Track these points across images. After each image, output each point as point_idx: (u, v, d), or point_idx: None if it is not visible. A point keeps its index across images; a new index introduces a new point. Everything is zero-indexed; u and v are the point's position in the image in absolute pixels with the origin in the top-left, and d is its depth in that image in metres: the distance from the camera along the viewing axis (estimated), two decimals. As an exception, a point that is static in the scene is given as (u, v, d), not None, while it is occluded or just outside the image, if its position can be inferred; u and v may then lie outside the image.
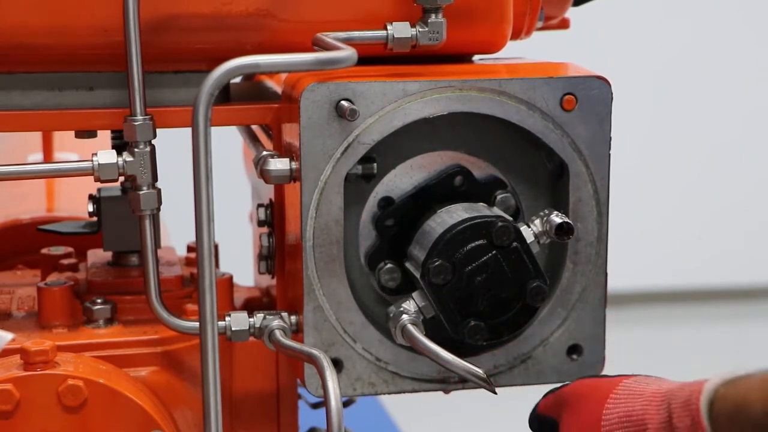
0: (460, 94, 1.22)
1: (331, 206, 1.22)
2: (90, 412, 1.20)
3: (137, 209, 1.23)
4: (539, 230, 1.22)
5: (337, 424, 1.14)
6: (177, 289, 1.41)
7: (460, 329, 1.20)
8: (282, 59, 1.15)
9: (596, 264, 1.28)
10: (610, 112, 1.25)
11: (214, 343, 1.18)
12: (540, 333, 1.29)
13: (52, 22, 1.21)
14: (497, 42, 1.31)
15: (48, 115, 1.27)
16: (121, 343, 1.32)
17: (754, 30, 4.85)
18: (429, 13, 1.22)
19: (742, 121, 4.89)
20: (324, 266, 1.23)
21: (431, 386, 1.29)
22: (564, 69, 1.28)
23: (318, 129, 1.20)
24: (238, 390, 1.38)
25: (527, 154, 1.29)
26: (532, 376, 1.30)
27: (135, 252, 1.43)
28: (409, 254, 1.24)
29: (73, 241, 1.57)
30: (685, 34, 4.80)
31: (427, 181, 1.27)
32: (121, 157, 1.22)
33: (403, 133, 1.22)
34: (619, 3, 4.22)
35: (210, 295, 1.18)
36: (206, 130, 1.14)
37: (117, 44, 1.19)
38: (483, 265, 1.19)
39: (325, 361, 1.17)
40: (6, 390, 1.17)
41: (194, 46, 1.25)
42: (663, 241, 4.90)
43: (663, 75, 4.81)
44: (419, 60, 1.28)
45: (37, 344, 1.20)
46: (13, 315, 1.40)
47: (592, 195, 1.27)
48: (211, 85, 1.13)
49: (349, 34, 1.21)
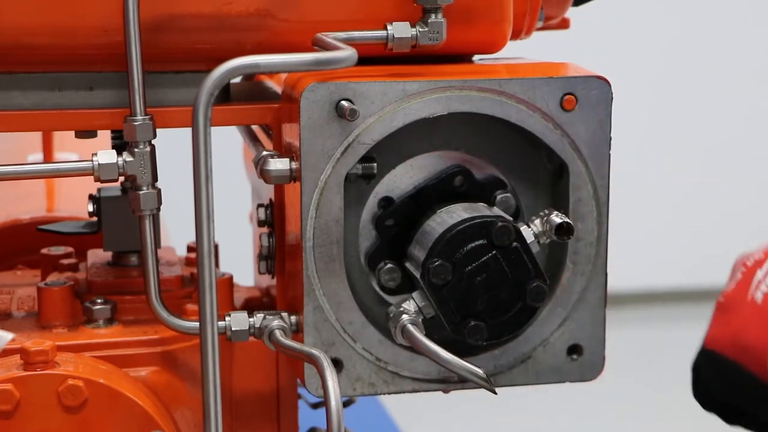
0: (460, 94, 1.22)
1: (331, 206, 1.22)
2: (90, 412, 1.20)
3: (137, 209, 1.23)
4: (539, 230, 1.22)
5: (337, 424, 1.14)
6: (177, 289, 1.41)
7: (460, 329, 1.20)
8: (282, 59, 1.15)
9: (596, 264, 1.28)
10: (610, 112, 1.25)
11: (214, 343, 1.18)
12: (540, 333, 1.29)
13: (52, 22, 1.21)
14: (497, 42, 1.31)
15: (48, 115, 1.27)
16: (121, 343, 1.32)
17: (755, 30, 4.85)
18: (429, 13, 1.22)
19: (743, 121, 4.90)
20: (324, 266, 1.23)
21: (431, 386, 1.29)
22: (564, 69, 1.28)
23: (318, 129, 1.20)
24: (238, 390, 1.38)
25: (527, 154, 1.29)
26: (532, 376, 1.30)
27: (135, 252, 1.43)
28: (409, 254, 1.24)
29: (73, 241, 1.57)
30: (686, 34, 4.80)
31: (427, 181, 1.27)
32: (121, 157, 1.22)
33: (403, 133, 1.22)
34: (619, 3, 4.22)
35: (210, 295, 1.18)
36: (206, 130, 1.15)
37: (117, 44, 1.19)
38: (483, 265, 1.19)
39: (325, 361, 1.17)
40: (6, 390, 1.17)
41: (194, 46, 1.25)
42: (663, 241, 4.90)
43: (663, 75, 4.81)
44: (419, 60, 1.28)
45: (37, 344, 1.20)
46: (13, 315, 1.40)
47: (592, 195, 1.27)
48: (211, 85, 1.13)
49: (349, 34, 1.21)
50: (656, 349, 4.40)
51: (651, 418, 3.76)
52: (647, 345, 4.43)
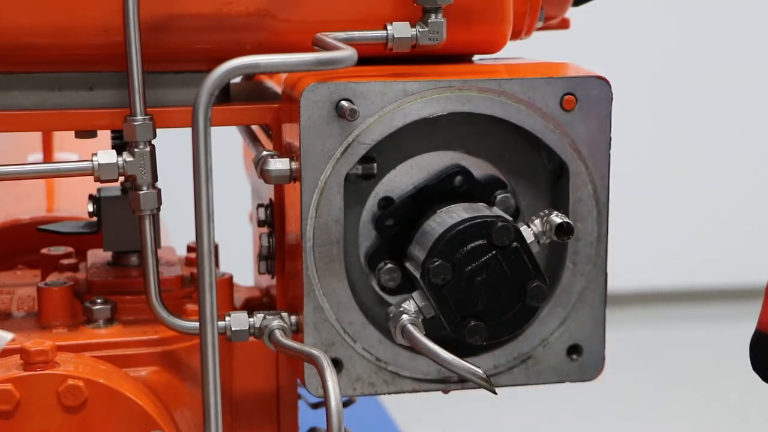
0: (460, 94, 1.22)
1: (331, 206, 1.22)
2: (90, 412, 1.20)
3: (137, 209, 1.23)
4: (539, 230, 1.22)
5: (337, 424, 1.14)
6: (177, 289, 1.41)
7: (460, 329, 1.20)
8: (282, 59, 1.15)
9: (596, 264, 1.29)
10: (610, 112, 1.25)
11: (214, 343, 1.18)
12: (540, 333, 1.29)
13: (52, 22, 1.21)
14: (497, 42, 1.31)
15: (48, 115, 1.27)
16: (121, 343, 1.32)
17: (755, 29, 4.85)
18: (429, 13, 1.22)
19: (743, 121, 4.90)
20: (324, 266, 1.23)
21: (431, 386, 1.29)
22: (564, 69, 1.28)
23: (318, 129, 1.20)
24: (238, 390, 1.38)
25: (527, 154, 1.29)
26: (532, 376, 1.30)
27: (135, 252, 1.43)
28: (409, 254, 1.24)
29: (73, 241, 1.57)
30: (686, 34, 4.80)
31: (427, 181, 1.27)
32: (121, 157, 1.22)
33: (403, 133, 1.22)
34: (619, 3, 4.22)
35: (210, 295, 1.18)
36: (206, 130, 1.15)
37: (117, 44, 1.19)
38: (483, 265, 1.19)
39: (325, 361, 1.17)
40: (6, 390, 1.17)
41: (194, 46, 1.25)
42: (663, 241, 4.90)
43: (663, 75, 4.81)
44: (419, 60, 1.28)
45: (37, 344, 1.20)
46: (13, 315, 1.40)
47: (592, 195, 1.27)
48: (211, 85, 1.13)
49: (349, 34, 1.21)
50: (656, 349, 4.40)
51: (651, 418, 3.76)
52: (647, 345, 4.43)
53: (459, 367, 1.18)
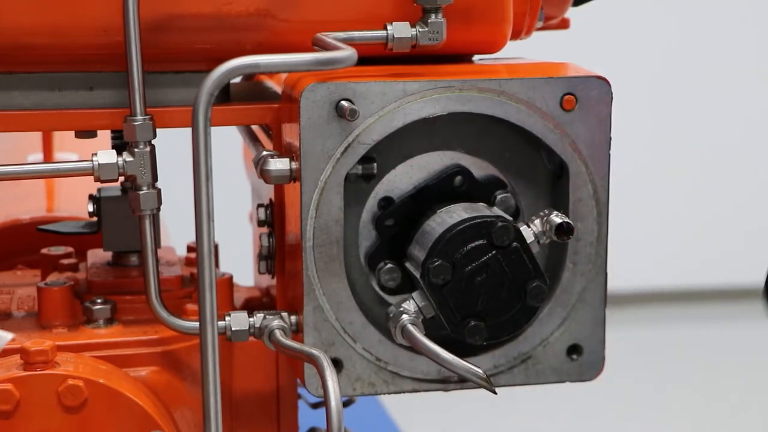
0: (460, 94, 1.22)
1: (331, 206, 1.22)
2: (90, 412, 1.20)
3: (137, 209, 1.23)
4: (539, 230, 1.22)
5: (337, 424, 1.14)
6: (177, 289, 1.41)
7: (460, 329, 1.20)
8: (282, 59, 1.15)
9: (596, 264, 1.29)
10: (610, 112, 1.25)
11: (214, 343, 1.18)
12: (540, 333, 1.29)
13: (52, 22, 1.21)
14: (497, 42, 1.31)
15: (48, 115, 1.27)
16: (121, 343, 1.32)
17: (755, 29, 4.85)
18: (429, 13, 1.22)
19: (743, 121, 4.90)
20: (324, 266, 1.23)
21: (431, 386, 1.29)
22: (564, 69, 1.28)
23: (318, 129, 1.20)
24: (238, 390, 1.38)
25: (527, 154, 1.29)
26: (532, 376, 1.30)
27: (135, 252, 1.43)
28: (409, 254, 1.24)
29: (73, 241, 1.57)
30: (686, 34, 4.80)
31: (427, 181, 1.27)
32: (121, 157, 1.22)
33: (403, 133, 1.22)
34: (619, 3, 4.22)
35: (210, 295, 1.18)
36: (206, 130, 1.15)
37: (117, 44, 1.19)
38: (483, 265, 1.19)
39: (325, 361, 1.17)
40: (6, 390, 1.17)
41: (194, 46, 1.25)
42: (663, 241, 4.90)
43: (663, 75, 4.81)
44: (419, 60, 1.28)
45: (37, 344, 1.20)
46: (13, 315, 1.40)
47: (592, 195, 1.27)
48: (211, 85, 1.13)
49: (349, 34, 1.21)
50: (656, 349, 4.39)
51: (651, 418, 3.76)
52: (647, 345, 4.43)
53: (459, 367, 1.18)
